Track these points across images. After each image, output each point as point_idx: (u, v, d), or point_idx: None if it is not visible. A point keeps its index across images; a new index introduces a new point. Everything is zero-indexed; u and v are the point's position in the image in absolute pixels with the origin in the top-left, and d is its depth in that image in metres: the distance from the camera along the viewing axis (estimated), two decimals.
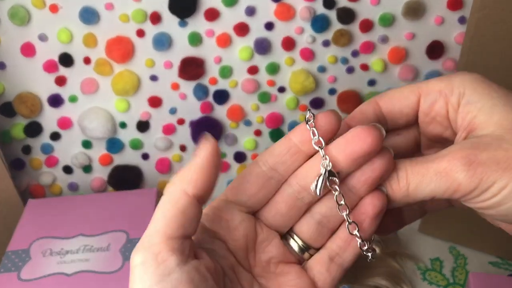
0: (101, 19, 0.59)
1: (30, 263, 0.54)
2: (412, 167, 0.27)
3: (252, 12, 0.60)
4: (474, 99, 0.28)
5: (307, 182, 0.27)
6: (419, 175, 0.26)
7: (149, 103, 0.65)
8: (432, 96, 0.29)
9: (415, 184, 0.26)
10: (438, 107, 0.29)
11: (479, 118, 0.27)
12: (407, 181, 0.26)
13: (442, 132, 0.30)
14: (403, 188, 0.27)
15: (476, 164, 0.25)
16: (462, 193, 0.25)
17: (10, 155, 0.67)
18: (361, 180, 0.27)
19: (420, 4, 0.60)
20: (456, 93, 0.28)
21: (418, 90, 0.30)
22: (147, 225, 0.26)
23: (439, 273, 0.61)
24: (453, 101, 0.28)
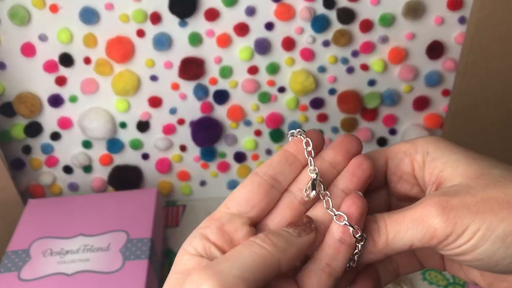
0: (101, 19, 0.59)
1: (30, 263, 0.54)
2: (390, 217, 0.28)
3: (252, 12, 0.60)
4: (438, 155, 0.29)
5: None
6: (397, 224, 0.27)
7: (149, 103, 0.65)
8: (398, 157, 0.31)
9: (394, 233, 0.27)
10: (404, 166, 0.31)
11: (446, 171, 0.29)
12: (386, 230, 0.28)
13: (410, 190, 0.31)
14: (383, 237, 0.28)
15: (449, 209, 0.26)
16: (439, 239, 0.26)
17: (10, 155, 0.67)
18: (354, 181, 0.29)
19: (420, 4, 0.60)
20: (420, 151, 0.30)
21: (385, 153, 0.31)
22: (147, 225, 0.26)
23: (439, 273, 0.61)
24: (419, 160, 0.30)
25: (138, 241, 0.55)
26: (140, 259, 0.53)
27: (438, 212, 0.26)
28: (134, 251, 0.54)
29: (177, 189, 0.73)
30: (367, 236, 0.28)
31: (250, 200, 0.28)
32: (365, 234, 0.28)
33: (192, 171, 0.72)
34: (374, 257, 0.28)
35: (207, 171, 0.72)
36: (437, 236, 0.26)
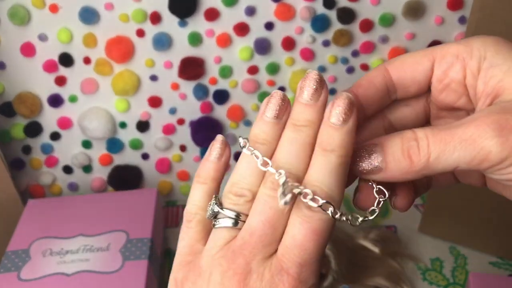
0: (101, 19, 0.59)
1: (30, 263, 0.54)
2: (435, 135, 0.24)
3: (252, 12, 0.60)
4: (498, 62, 0.25)
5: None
6: (442, 143, 0.23)
7: (149, 103, 0.65)
8: (447, 60, 0.26)
9: (437, 153, 0.23)
10: (453, 72, 0.26)
11: (506, 82, 0.24)
12: (428, 150, 0.24)
13: (455, 101, 0.27)
14: (423, 158, 0.24)
15: (508, 130, 0.22)
16: (491, 163, 0.23)
17: (10, 155, 0.67)
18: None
19: (420, 4, 0.60)
20: (476, 56, 0.26)
21: (432, 54, 0.27)
22: (147, 225, 0.26)
23: (439, 273, 0.61)
24: (473, 66, 0.26)
25: (138, 241, 0.55)
26: (140, 259, 0.53)
27: (495, 133, 0.22)
28: (134, 251, 0.54)
29: (177, 189, 0.73)
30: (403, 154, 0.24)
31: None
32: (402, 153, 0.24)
33: (192, 171, 0.72)
34: (411, 178, 0.25)
35: None
36: (489, 160, 0.23)
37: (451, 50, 0.26)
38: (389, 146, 0.25)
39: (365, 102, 0.27)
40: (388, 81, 0.28)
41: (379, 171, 0.25)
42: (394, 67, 0.28)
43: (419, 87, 0.28)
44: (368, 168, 0.25)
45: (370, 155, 0.25)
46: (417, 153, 0.24)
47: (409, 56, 0.27)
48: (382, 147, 0.25)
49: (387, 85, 0.28)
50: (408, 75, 0.27)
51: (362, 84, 0.28)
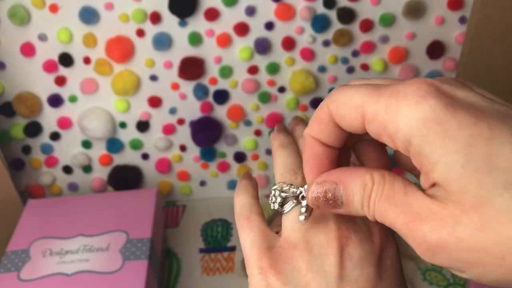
0: (101, 19, 0.59)
1: (29, 263, 0.54)
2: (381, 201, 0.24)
3: (252, 12, 0.60)
4: (424, 152, 0.21)
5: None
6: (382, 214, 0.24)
7: (149, 103, 0.65)
8: (375, 128, 0.23)
9: (380, 217, 0.24)
10: (385, 141, 0.24)
11: (436, 177, 0.21)
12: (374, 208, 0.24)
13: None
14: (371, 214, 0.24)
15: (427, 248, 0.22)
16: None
17: (9, 155, 0.67)
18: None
19: (421, 4, 0.59)
20: (401, 138, 0.22)
21: (362, 110, 0.24)
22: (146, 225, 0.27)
23: (439, 273, 0.61)
24: (400, 146, 0.23)
25: (138, 241, 0.55)
26: (140, 259, 0.53)
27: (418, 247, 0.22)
28: (133, 251, 0.54)
29: (177, 189, 0.73)
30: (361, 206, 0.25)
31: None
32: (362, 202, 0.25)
33: (192, 171, 0.71)
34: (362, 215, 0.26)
35: (207, 171, 0.72)
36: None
37: (379, 118, 0.23)
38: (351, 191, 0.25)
39: (326, 142, 0.27)
40: (335, 121, 0.26)
41: (338, 208, 0.26)
42: (333, 111, 0.26)
43: (360, 132, 0.25)
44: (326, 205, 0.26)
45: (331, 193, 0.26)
46: (367, 209, 0.24)
47: (345, 103, 0.25)
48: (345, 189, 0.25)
49: (337, 124, 0.26)
50: (345, 124, 0.25)
51: (314, 127, 0.27)
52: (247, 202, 0.31)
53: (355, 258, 0.27)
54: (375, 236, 0.28)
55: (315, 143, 0.27)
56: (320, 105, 0.27)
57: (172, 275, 0.63)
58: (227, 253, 0.65)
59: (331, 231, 0.28)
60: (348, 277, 0.26)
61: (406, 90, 0.22)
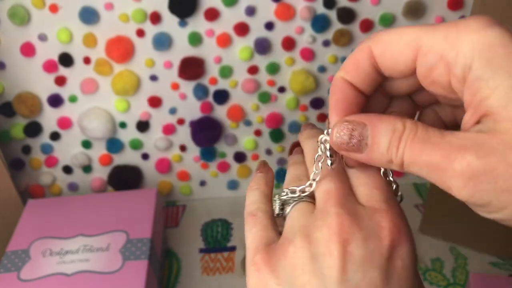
0: (101, 19, 0.59)
1: (29, 263, 0.54)
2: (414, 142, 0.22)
3: (252, 12, 0.60)
4: (485, 75, 0.21)
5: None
6: (415, 155, 0.22)
7: (149, 103, 0.65)
8: (430, 60, 0.23)
9: (408, 162, 0.23)
10: (437, 74, 0.23)
11: (492, 103, 0.20)
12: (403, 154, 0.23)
13: (446, 94, 0.24)
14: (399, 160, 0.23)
15: (474, 178, 0.20)
16: (456, 196, 0.22)
17: (9, 155, 0.67)
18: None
19: (421, 4, 0.59)
20: (461, 63, 0.22)
21: (416, 44, 0.23)
22: (146, 225, 0.26)
23: (439, 273, 0.61)
24: (458, 73, 0.22)
25: (138, 241, 0.55)
26: (140, 259, 0.53)
27: (455, 174, 0.21)
28: (133, 251, 0.54)
29: (177, 189, 0.73)
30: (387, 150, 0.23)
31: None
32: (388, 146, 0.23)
33: (192, 171, 0.71)
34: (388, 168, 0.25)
35: (207, 171, 0.72)
36: (453, 193, 0.22)
37: (436, 48, 0.22)
38: (378, 134, 0.24)
39: (359, 86, 0.26)
40: (375, 64, 0.25)
41: (360, 151, 0.24)
42: (378, 52, 0.25)
43: (402, 75, 0.25)
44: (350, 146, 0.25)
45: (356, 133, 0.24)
46: (395, 154, 0.23)
47: (394, 40, 0.24)
48: (371, 131, 0.24)
49: (375, 68, 0.26)
50: (390, 65, 0.25)
51: (350, 69, 0.26)
52: (257, 199, 0.30)
53: (358, 258, 0.23)
54: (384, 232, 0.24)
55: (347, 86, 0.26)
56: (359, 47, 0.25)
57: (172, 275, 0.63)
58: (227, 253, 0.65)
59: (331, 227, 0.24)
60: (349, 281, 0.23)
61: (467, 21, 0.22)
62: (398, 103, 0.28)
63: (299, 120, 0.68)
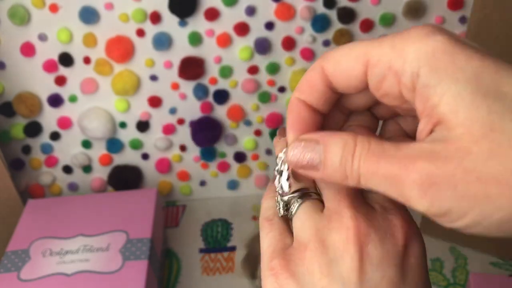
0: (101, 19, 0.59)
1: (29, 263, 0.54)
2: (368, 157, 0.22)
3: (252, 12, 0.60)
4: (432, 82, 0.21)
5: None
6: (371, 170, 0.22)
7: (149, 103, 0.65)
8: (379, 71, 0.23)
9: (366, 179, 0.22)
10: (388, 86, 0.23)
11: (442, 110, 0.21)
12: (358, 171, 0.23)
13: (399, 105, 0.24)
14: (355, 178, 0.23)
15: (430, 185, 0.20)
16: (416, 209, 0.21)
17: (9, 155, 0.67)
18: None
19: (421, 4, 0.59)
20: (408, 71, 0.22)
21: (366, 57, 0.23)
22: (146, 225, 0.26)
23: (439, 273, 0.61)
24: (406, 82, 0.22)
25: (138, 241, 0.55)
26: (140, 259, 0.53)
27: (417, 186, 0.20)
28: (133, 251, 0.54)
29: (177, 189, 0.73)
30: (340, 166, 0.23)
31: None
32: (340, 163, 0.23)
33: (192, 171, 0.71)
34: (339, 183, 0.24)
35: (207, 171, 0.72)
36: (412, 206, 0.21)
37: (384, 58, 0.23)
38: (331, 151, 0.24)
39: (314, 105, 0.26)
40: (328, 82, 0.26)
41: (315, 170, 0.24)
42: (329, 70, 0.25)
43: (356, 90, 0.25)
44: (304, 164, 0.25)
45: (309, 153, 0.24)
46: (350, 170, 0.23)
47: (343, 57, 0.24)
48: (324, 149, 0.24)
49: (329, 86, 0.26)
50: (343, 81, 0.25)
51: (304, 89, 0.26)
52: (272, 205, 0.29)
53: (375, 259, 0.24)
54: (398, 231, 0.25)
55: (302, 106, 0.26)
56: (311, 67, 0.26)
57: (172, 275, 0.63)
58: (227, 253, 0.65)
59: (347, 229, 0.24)
60: (369, 282, 0.23)
61: (411, 30, 0.22)
62: (357, 117, 0.29)
63: None
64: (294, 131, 0.26)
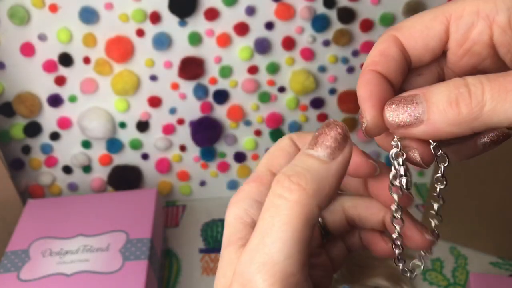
0: (100, 19, 0.59)
1: (29, 263, 0.54)
2: (491, 81, 0.20)
3: (252, 12, 0.60)
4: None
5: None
6: (502, 90, 0.19)
7: (149, 103, 0.65)
8: (466, 21, 0.22)
9: (494, 103, 0.20)
10: (476, 33, 0.22)
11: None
12: (483, 97, 0.20)
13: (479, 63, 0.23)
14: (476, 107, 0.20)
15: None
16: None
17: (9, 155, 0.67)
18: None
19: (421, 4, 0.59)
20: (502, 8, 0.21)
21: (444, 15, 0.23)
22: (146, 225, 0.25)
23: (439, 273, 0.61)
24: (501, 20, 0.21)
25: (138, 241, 0.55)
26: (140, 260, 0.53)
27: None
28: (133, 252, 0.54)
29: (177, 189, 0.73)
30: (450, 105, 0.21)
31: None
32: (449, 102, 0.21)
33: (192, 171, 0.71)
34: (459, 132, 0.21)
35: (207, 171, 0.72)
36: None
37: (468, 8, 0.22)
38: (433, 94, 0.21)
39: (390, 76, 0.24)
40: (403, 50, 0.24)
41: (419, 123, 0.21)
42: (404, 36, 0.24)
43: (433, 54, 0.24)
44: (407, 120, 0.22)
45: (409, 105, 0.22)
46: (469, 101, 0.20)
47: (417, 20, 0.24)
48: (424, 96, 0.21)
49: (404, 55, 0.24)
50: (420, 44, 0.24)
51: (378, 61, 0.24)
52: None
53: None
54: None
55: (379, 77, 0.23)
56: (380, 40, 0.24)
57: (172, 275, 0.63)
58: None
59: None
60: None
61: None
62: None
63: (299, 120, 0.68)
64: (373, 104, 0.23)
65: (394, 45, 0.24)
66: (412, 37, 0.24)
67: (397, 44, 0.24)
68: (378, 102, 0.23)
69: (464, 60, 0.23)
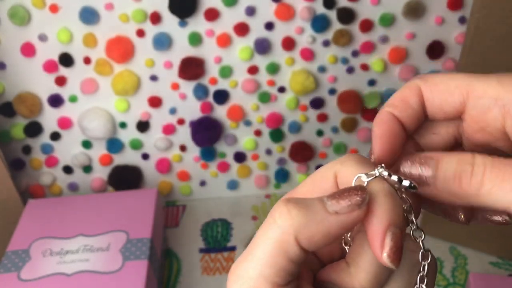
0: (101, 19, 0.59)
1: (30, 263, 0.54)
2: (494, 166, 0.21)
3: (252, 12, 0.60)
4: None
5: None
6: (500, 178, 0.21)
7: (149, 103, 0.65)
8: (484, 103, 0.23)
9: (490, 187, 0.21)
10: (491, 118, 0.23)
11: None
12: (482, 180, 0.22)
13: (492, 142, 0.25)
14: (473, 187, 0.22)
15: None
16: None
17: (10, 155, 0.67)
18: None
19: (420, 4, 0.59)
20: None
21: (467, 88, 0.24)
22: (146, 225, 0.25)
23: (439, 273, 0.61)
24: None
25: (138, 241, 0.55)
26: (140, 259, 0.53)
27: None
28: (133, 251, 0.54)
29: (177, 189, 0.73)
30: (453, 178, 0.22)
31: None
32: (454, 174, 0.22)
33: (192, 171, 0.72)
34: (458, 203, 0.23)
35: (207, 171, 0.72)
36: None
37: (490, 92, 0.23)
38: (444, 163, 0.23)
39: (405, 122, 0.26)
40: (422, 102, 0.26)
41: (426, 185, 0.23)
42: (426, 90, 0.25)
43: (445, 117, 0.26)
44: (417, 177, 0.23)
45: (423, 165, 0.23)
46: (468, 180, 0.22)
47: (444, 81, 0.25)
48: (436, 162, 0.23)
49: (422, 106, 0.26)
50: (437, 104, 0.25)
51: (397, 105, 0.26)
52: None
53: None
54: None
55: (394, 120, 0.25)
56: (407, 85, 0.26)
57: (172, 275, 0.63)
58: (227, 253, 0.65)
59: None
60: None
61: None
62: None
63: (299, 120, 0.68)
64: (383, 143, 0.25)
65: (416, 95, 0.26)
66: (432, 94, 0.25)
67: (419, 94, 0.26)
68: (387, 142, 0.25)
69: (478, 135, 0.25)
